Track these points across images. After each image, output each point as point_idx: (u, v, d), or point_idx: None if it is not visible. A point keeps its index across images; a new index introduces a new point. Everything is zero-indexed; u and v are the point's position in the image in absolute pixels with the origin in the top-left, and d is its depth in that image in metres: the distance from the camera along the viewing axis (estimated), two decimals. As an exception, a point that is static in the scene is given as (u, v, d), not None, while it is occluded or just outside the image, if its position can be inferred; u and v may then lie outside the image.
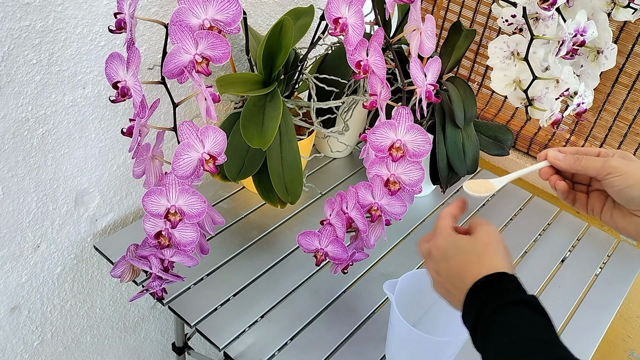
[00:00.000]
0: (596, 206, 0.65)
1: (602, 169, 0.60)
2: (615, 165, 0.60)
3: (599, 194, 0.65)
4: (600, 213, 0.65)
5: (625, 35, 1.09)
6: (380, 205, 0.78)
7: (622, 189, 0.60)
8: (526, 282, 1.04)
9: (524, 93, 0.88)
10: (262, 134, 0.85)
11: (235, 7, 0.64)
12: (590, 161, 0.62)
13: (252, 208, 1.08)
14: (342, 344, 0.86)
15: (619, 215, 0.63)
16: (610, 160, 0.60)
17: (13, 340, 0.98)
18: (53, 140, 0.85)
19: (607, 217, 0.64)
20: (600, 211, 0.65)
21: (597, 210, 0.65)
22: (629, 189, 0.59)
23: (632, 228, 0.62)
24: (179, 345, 1.20)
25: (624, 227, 0.63)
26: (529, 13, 0.84)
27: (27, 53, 0.75)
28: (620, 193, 0.60)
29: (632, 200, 0.60)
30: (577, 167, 0.63)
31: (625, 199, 0.60)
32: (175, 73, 0.65)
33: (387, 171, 0.76)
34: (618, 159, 0.61)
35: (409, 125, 0.74)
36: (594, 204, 0.65)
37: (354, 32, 0.70)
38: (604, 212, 0.64)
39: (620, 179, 0.59)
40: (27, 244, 0.91)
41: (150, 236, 0.73)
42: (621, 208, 0.63)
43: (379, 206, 0.78)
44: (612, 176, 0.60)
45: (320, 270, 0.97)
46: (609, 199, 0.64)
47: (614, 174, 0.60)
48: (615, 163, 0.60)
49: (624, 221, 0.63)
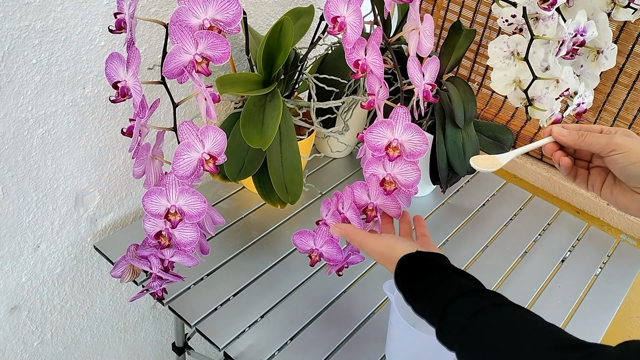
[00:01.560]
0: (597, 182, 0.65)
1: (606, 146, 0.61)
2: (619, 142, 0.60)
3: (599, 170, 0.65)
4: (601, 189, 0.65)
5: (625, 35, 1.09)
6: (376, 206, 0.78)
7: (625, 166, 0.60)
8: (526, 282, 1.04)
9: (524, 93, 0.88)
10: (262, 134, 0.85)
11: (235, 7, 0.64)
12: (595, 137, 0.62)
13: (252, 208, 1.08)
14: (341, 344, 0.86)
15: (619, 192, 0.63)
16: (614, 137, 0.61)
17: (13, 340, 0.98)
18: (53, 140, 0.85)
19: (607, 194, 0.65)
20: (600, 187, 0.65)
21: (597, 186, 0.65)
22: (632, 166, 0.60)
23: (632, 205, 0.62)
24: (179, 345, 1.20)
25: (624, 203, 0.63)
26: (529, 13, 0.84)
27: (27, 53, 0.75)
28: (622, 170, 0.60)
29: (634, 178, 0.60)
30: (582, 143, 0.63)
31: (628, 176, 0.61)
32: (175, 73, 0.65)
33: (383, 171, 0.76)
34: (622, 136, 0.61)
35: (406, 125, 0.73)
36: (595, 180, 0.65)
37: (352, 31, 0.70)
38: (604, 189, 0.65)
39: (623, 156, 0.60)
40: (27, 244, 0.91)
41: (150, 236, 0.73)
42: (622, 185, 0.63)
43: (374, 206, 0.78)
44: (616, 153, 0.60)
45: (320, 271, 0.97)
46: (610, 175, 0.64)
47: (618, 151, 0.60)
48: (619, 140, 0.60)
49: (624, 198, 0.63)
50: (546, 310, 0.95)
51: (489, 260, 1.03)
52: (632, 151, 0.60)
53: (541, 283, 1.00)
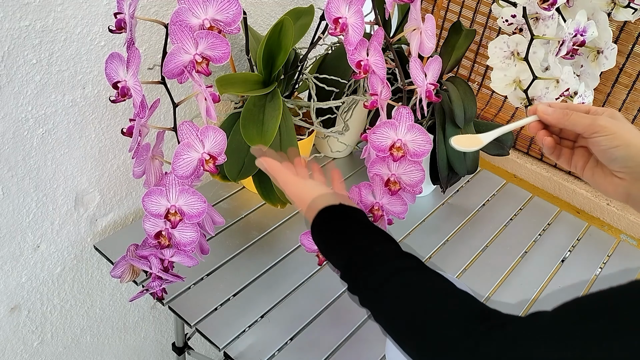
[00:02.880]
0: (579, 163, 0.65)
1: (590, 127, 0.60)
2: (603, 124, 0.59)
3: (583, 151, 0.65)
4: (583, 170, 0.65)
5: (625, 35, 1.09)
6: (382, 205, 0.78)
7: (608, 149, 0.59)
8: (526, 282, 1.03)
9: (524, 93, 0.88)
10: (262, 134, 0.85)
11: (235, 7, 0.64)
12: (579, 117, 0.61)
13: (252, 208, 1.08)
14: (342, 344, 0.86)
15: (600, 174, 0.63)
16: (599, 118, 0.60)
17: (13, 340, 0.98)
18: (53, 141, 0.85)
19: (588, 175, 0.64)
20: (583, 168, 0.65)
21: (580, 167, 0.65)
22: (614, 149, 0.59)
23: (611, 188, 0.62)
24: (179, 345, 1.20)
25: (604, 186, 0.63)
26: (529, 13, 0.84)
27: (27, 53, 0.75)
28: (605, 152, 0.60)
29: (615, 161, 0.59)
30: (566, 122, 0.62)
31: (609, 159, 0.60)
32: (175, 73, 0.65)
33: (387, 171, 0.76)
34: (607, 118, 0.60)
35: (410, 125, 0.74)
36: (578, 161, 0.65)
37: (354, 32, 0.70)
38: (586, 170, 0.65)
39: (606, 139, 0.59)
40: (27, 244, 0.91)
41: (150, 236, 0.73)
42: (603, 167, 0.62)
43: (380, 206, 0.78)
44: (599, 135, 0.59)
45: (320, 270, 0.97)
46: (593, 157, 0.64)
47: (601, 133, 0.59)
48: (604, 122, 0.59)
49: (604, 181, 0.62)
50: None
51: (489, 260, 1.03)
52: (616, 134, 0.59)
53: (541, 283, 1.00)
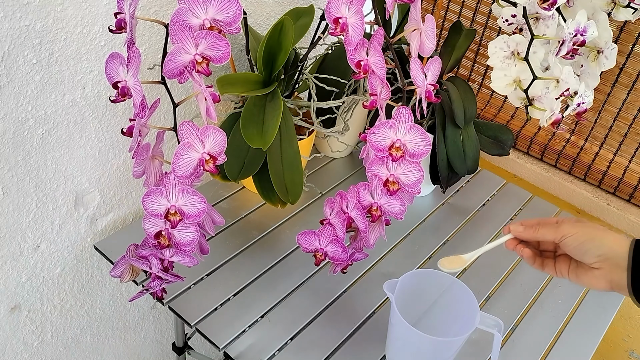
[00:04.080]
0: (563, 268, 0.73)
1: (556, 234, 0.70)
2: (565, 229, 0.69)
3: (564, 258, 0.73)
4: (568, 273, 0.72)
5: (626, 35, 1.09)
6: (380, 205, 0.78)
7: (575, 246, 0.68)
8: (526, 282, 1.03)
9: (524, 93, 0.88)
10: (262, 134, 0.85)
11: (235, 7, 0.64)
12: (546, 229, 0.71)
13: (252, 208, 1.08)
14: (342, 344, 0.86)
15: (582, 272, 0.70)
16: (562, 225, 0.70)
17: (13, 340, 0.98)
18: (53, 141, 0.85)
19: (573, 276, 0.72)
20: (567, 272, 0.72)
21: (564, 272, 0.72)
22: (581, 245, 0.68)
23: (594, 281, 0.69)
24: (179, 345, 1.20)
25: (588, 281, 0.70)
26: (529, 13, 0.83)
27: (27, 53, 0.75)
28: (575, 250, 0.69)
29: (586, 254, 0.68)
30: (537, 236, 0.72)
31: (581, 254, 0.68)
32: (175, 73, 0.65)
33: (386, 171, 0.76)
34: (569, 223, 0.70)
35: (409, 125, 0.74)
36: (561, 267, 0.73)
37: (354, 32, 0.70)
38: (570, 272, 0.72)
39: (572, 239, 0.68)
40: (27, 244, 0.91)
41: (150, 236, 0.73)
42: (583, 265, 0.70)
43: (378, 206, 0.78)
44: (565, 237, 0.69)
45: (320, 270, 0.97)
46: (572, 260, 0.72)
47: (567, 236, 0.69)
48: (565, 227, 0.69)
49: (586, 277, 0.70)
50: (546, 310, 0.95)
51: (489, 260, 1.03)
52: (578, 233, 0.68)
53: (541, 283, 1.00)
